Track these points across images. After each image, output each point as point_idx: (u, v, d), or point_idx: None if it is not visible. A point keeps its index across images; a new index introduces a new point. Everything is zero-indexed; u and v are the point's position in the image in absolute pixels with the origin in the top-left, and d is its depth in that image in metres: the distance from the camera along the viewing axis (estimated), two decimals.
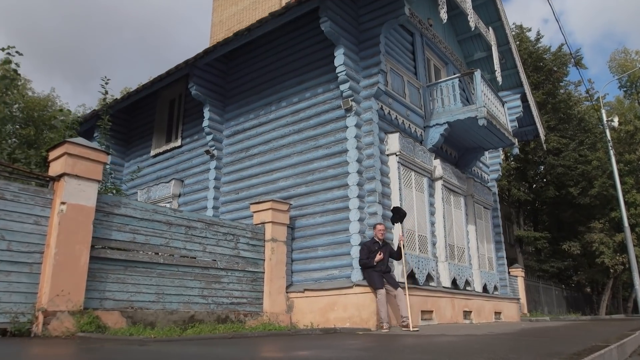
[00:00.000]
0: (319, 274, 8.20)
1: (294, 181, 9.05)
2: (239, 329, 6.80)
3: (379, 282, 7.13)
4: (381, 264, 7.24)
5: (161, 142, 12.43)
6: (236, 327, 6.85)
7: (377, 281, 7.15)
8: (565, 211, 26.13)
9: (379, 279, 7.16)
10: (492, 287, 11.45)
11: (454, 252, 10.20)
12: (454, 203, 10.63)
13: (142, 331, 5.50)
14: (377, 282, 7.14)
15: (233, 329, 6.69)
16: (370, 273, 7.26)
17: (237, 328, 6.84)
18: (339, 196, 8.26)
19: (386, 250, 7.40)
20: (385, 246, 7.47)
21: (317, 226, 8.46)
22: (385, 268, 7.33)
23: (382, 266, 7.27)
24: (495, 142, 10.99)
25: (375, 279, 7.16)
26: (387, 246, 7.51)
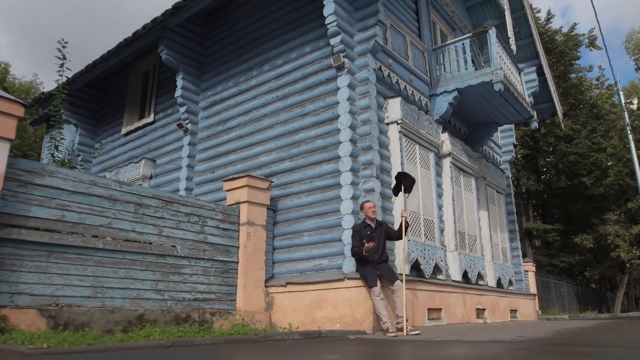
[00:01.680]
0: (305, 265, 6.82)
1: (276, 155, 7.66)
2: (198, 332, 5.42)
3: (372, 278, 5.75)
4: (374, 252, 5.83)
5: (133, 119, 11.04)
6: (194, 330, 5.47)
7: (370, 276, 5.76)
8: (575, 203, 24.69)
9: (372, 273, 5.78)
10: (506, 281, 10.06)
11: (465, 240, 8.81)
12: (464, 184, 9.23)
13: (57, 335, 4.13)
14: (370, 277, 5.76)
15: (190, 331, 5.32)
16: (362, 265, 5.89)
17: (196, 331, 5.46)
18: (329, 171, 6.87)
19: (381, 233, 6.02)
20: (380, 228, 6.08)
21: (303, 207, 7.07)
22: (380, 257, 5.93)
23: (376, 255, 5.86)
24: (512, 114, 9.57)
25: (367, 274, 5.78)
26: (382, 228, 6.11)
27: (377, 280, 5.71)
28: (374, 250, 5.82)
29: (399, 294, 5.67)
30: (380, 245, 5.95)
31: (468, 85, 8.39)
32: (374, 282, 5.70)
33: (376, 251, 5.86)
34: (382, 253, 5.96)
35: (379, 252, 5.90)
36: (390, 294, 5.88)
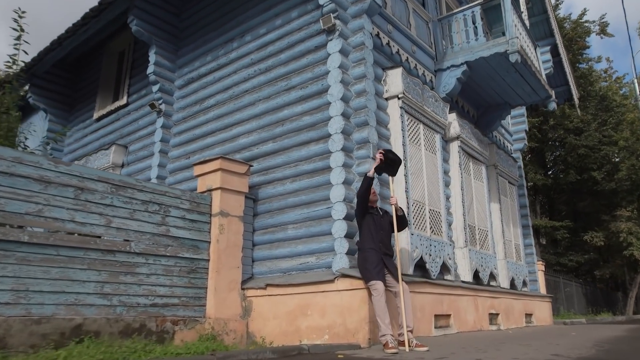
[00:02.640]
0: (289, 263, 5.76)
1: (258, 136, 6.59)
2: (152, 349, 4.35)
3: (376, 269, 4.62)
4: (379, 241, 4.79)
5: (106, 103, 9.97)
6: (144, 344, 4.40)
7: (372, 266, 4.64)
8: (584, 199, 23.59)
9: (376, 262, 4.67)
10: (520, 282, 8.99)
11: (475, 235, 7.74)
12: (473, 172, 8.16)
13: None
14: (372, 268, 4.63)
15: (139, 347, 4.25)
16: (365, 256, 4.75)
17: (150, 347, 4.39)
18: (318, 152, 5.81)
19: (386, 224, 4.97)
20: (385, 217, 5.03)
21: (288, 195, 6.01)
22: (386, 249, 4.86)
23: (382, 245, 4.80)
24: (527, 93, 8.50)
25: (371, 266, 4.65)
26: (387, 218, 5.05)
27: (383, 276, 4.62)
28: (381, 239, 4.80)
29: (405, 299, 4.58)
30: (387, 235, 4.92)
31: (479, 57, 7.32)
32: (379, 277, 4.58)
33: (382, 240, 4.83)
34: (388, 246, 4.91)
35: (384, 243, 4.86)
36: (392, 298, 4.81)
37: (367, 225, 4.83)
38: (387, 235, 4.92)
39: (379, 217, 4.92)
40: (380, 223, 4.88)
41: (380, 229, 4.84)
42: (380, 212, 5.00)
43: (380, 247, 4.74)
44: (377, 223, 4.86)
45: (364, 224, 4.86)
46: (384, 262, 4.70)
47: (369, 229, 4.81)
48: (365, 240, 4.80)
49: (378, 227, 4.83)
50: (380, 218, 4.92)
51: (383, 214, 5.00)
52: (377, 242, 4.74)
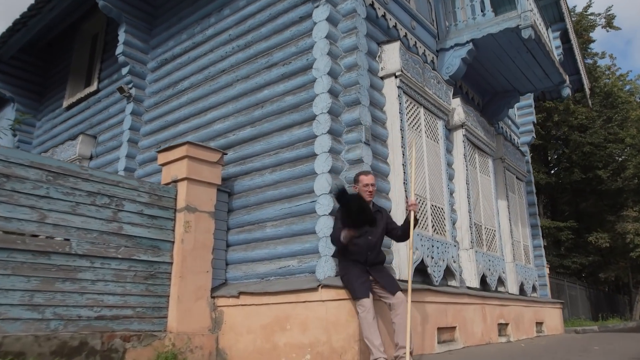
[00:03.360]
0: (267, 267, 4.91)
1: (234, 121, 5.75)
2: None
3: (360, 286, 3.78)
4: (367, 249, 3.93)
5: (77, 90, 9.11)
6: None
7: (357, 283, 3.80)
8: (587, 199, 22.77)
9: (361, 278, 3.82)
10: (529, 287, 8.15)
11: (482, 235, 6.90)
12: (479, 165, 7.33)
13: None
14: (357, 284, 3.79)
15: None
16: (346, 266, 3.94)
17: None
18: (301, 137, 4.96)
19: (379, 222, 4.11)
20: (378, 215, 4.13)
21: (267, 188, 5.16)
22: (376, 257, 4.01)
23: (370, 253, 3.95)
24: (539, 77, 7.67)
25: (354, 279, 3.81)
26: (382, 215, 4.18)
27: (368, 291, 3.79)
28: (368, 246, 3.92)
29: (401, 312, 3.73)
30: (378, 240, 4.04)
31: (487, 34, 6.49)
32: (364, 293, 3.74)
33: (371, 247, 3.95)
34: (378, 252, 4.05)
35: (374, 250, 3.99)
36: (386, 311, 3.98)
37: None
38: (379, 240, 4.06)
39: None
40: (371, 229, 3.98)
41: (369, 232, 3.95)
42: (371, 210, 4.10)
43: (368, 255, 3.88)
44: (366, 230, 3.92)
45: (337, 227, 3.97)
46: (371, 273, 3.87)
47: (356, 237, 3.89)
48: (349, 251, 3.90)
49: (367, 231, 3.93)
50: None
51: (375, 212, 4.10)
52: (363, 250, 3.88)
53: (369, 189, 4.02)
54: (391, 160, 5.22)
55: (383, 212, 4.19)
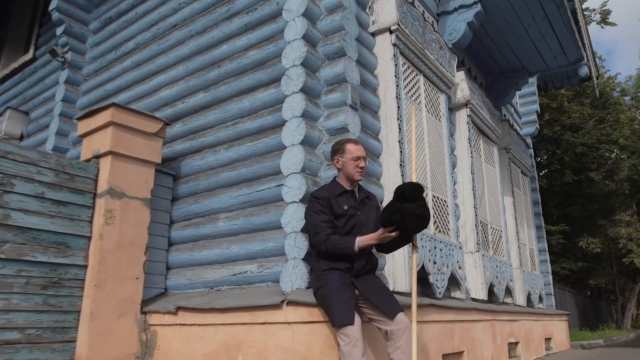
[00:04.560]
0: (218, 273, 3.67)
1: (185, 85, 4.50)
2: None
3: (343, 306, 2.50)
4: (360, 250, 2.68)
5: (13, 59, 7.76)
6: None
7: (337, 300, 2.52)
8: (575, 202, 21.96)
9: (342, 293, 2.55)
10: (536, 296, 7.05)
11: (488, 236, 5.77)
12: (484, 153, 6.21)
13: None
14: (338, 302, 2.52)
15: None
16: (321, 276, 2.66)
17: None
18: (266, 102, 3.75)
19: (370, 212, 2.90)
20: (368, 204, 2.95)
21: (221, 169, 3.94)
22: (365, 262, 2.75)
23: (357, 257, 2.69)
24: (553, 53, 6.59)
25: (333, 295, 2.54)
26: (372, 204, 2.99)
27: (353, 313, 2.53)
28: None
29: (404, 344, 2.47)
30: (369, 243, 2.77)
31: None
32: (347, 317, 2.47)
33: (360, 253, 2.69)
34: (369, 255, 2.81)
35: (364, 253, 2.73)
36: (378, 339, 2.78)
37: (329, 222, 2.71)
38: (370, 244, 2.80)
39: (354, 204, 2.83)
40: (358, 217, 2.80)
41: (357, 227, 2.76)
42: (356, 197, 2.88)
43: (355, 260, 2.67)
44: (350, 218, 2.77)
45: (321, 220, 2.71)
46: (358, 286, 2.63)
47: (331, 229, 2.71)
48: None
49: (352, 226, 2.76)
50: (357, 205, 2.85)
51: (363, 200, 2.91)
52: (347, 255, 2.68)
53: (359, 163, 2.81)
54: (384, 136, 4.03)
55: (373, 201, 2.99)
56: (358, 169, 2.81)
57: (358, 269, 2.64)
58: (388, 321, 2.49)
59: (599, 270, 22.70)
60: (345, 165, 2.82)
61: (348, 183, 2.82)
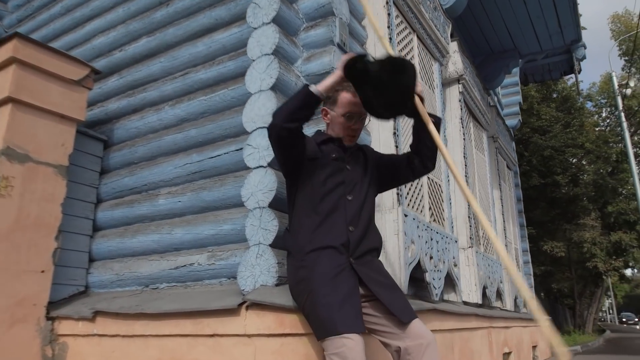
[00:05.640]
0: (154, 266, 2.77)
1: (125, 30, 3.56)
2: None
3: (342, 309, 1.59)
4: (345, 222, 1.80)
5: None
6: None
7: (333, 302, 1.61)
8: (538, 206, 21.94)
9: (341, 288, 1.65)
10: (521, 300, 6.43)
11: (479, 231, 5.07)
12: (475, 139, 5.52)
13: None
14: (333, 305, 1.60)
15: None
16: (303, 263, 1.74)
17: None
18: (227, 44, 2.88)
19: (362, 169, 1.99)
20: (359, 158, 2.02)
21: (165, 131, 3.04)
22: (362, 239, 1.83)
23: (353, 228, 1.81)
24: (549, 32, 6.00)
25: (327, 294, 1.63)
26: (365, 158, 2.04)
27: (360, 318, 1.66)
28: (351, 218, 1.84)
29: None
30: (366, 202, 1.93)
31: None
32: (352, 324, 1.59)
33: (354, 216, 1.85)
34: (368, 229, 1.91)
35: (361, 223, 1.87)
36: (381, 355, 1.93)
37: (315, 188, 1.86)
38: (368, 202, 1.96)
39: (345, 159, 1.96)
40: (347, 173, 1.95)
41: (345, 185, 1.90)
42: (345, 148, 1.99)
43: (349, 234, 1.81)
44: (336, 173, 1.91)
45: (304, 185, 1.89)
46: (363, 274, 1.75)
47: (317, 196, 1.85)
48: (307, 226, 1.82)
49: (339, 183, 1.89)
50: (349, 159, 1.97)
51: (354, 153, 2.02)
52: (340, 228, 1.81)
53: (352, 125, 1.96)
54: None
55: (367, 152, 2.11)
56: (350, 131, 1.97)
57: (355, 244, 1.79)
58: (401, 334, 1.66)
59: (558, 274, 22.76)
60: (333, 122, 1.99)
61: (334, 134, 2.01)
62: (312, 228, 1.77)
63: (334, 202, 1.81)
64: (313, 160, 1.86)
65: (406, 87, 1.75)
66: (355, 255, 1.76)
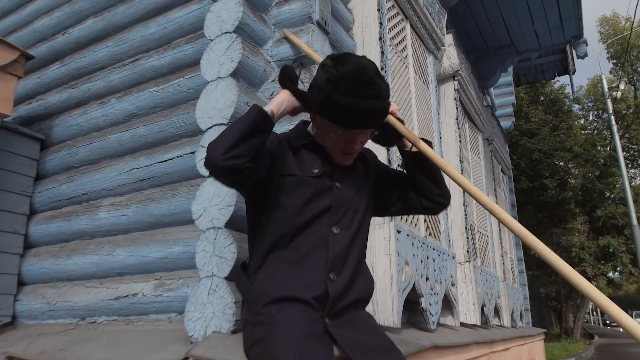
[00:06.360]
0: (93, 295, 2.25)
1: (69, 11, 3.01)
2: None
3: None
4: (326, 259, 1.26)
5: None
6: None
7: None
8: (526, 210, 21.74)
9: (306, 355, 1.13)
10: (517, 314, 6.02)
11: (476, 242, 4.62)
12: (470, 141, 5.08)
13: None
14: None
15: None
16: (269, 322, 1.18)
17: None
18: (185, 26, 2.38)
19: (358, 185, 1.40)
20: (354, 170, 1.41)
21: (111, 129, 2.52)
22: (350, 286, 1.29)
23: (334, 274, 1.26)
24: (549, 27, 5.58)
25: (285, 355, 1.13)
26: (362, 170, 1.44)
27: None
28: (333, 260, 1.28)
29: None
30: (357, 242, 1.36)
31: None
32: None
33: (339, 256, 1.29)
34: (354, 274, 1.34)
35: (346, 272, 1.30)
36: None
37: (288, 216, 1.30)
38: (360, 243, 1.39)
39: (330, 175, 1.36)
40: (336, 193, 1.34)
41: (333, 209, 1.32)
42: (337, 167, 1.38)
43: (328, 289, 1.24)
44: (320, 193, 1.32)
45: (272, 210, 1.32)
46: (339, 341, 1.20)
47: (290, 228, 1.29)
48: (270, 267, 1.28)
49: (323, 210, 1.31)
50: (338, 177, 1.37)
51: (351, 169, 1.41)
52: (317, 274, 1.26)
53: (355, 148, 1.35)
54: None
55: (368, 158, 1.50)
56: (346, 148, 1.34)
57: (336, 296, 1.26)
58: None
59: (544, 278, 22.54)
60: (323, 131, 1.35)
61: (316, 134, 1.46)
62: (278, 269, 1.26)
63: (314, 238, 1.28)
64: (287, 176, 1.32)
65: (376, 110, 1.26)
66: (332, 313, 1.25)
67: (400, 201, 1.47)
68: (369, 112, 1.24)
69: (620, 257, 18.13)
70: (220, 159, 1.15)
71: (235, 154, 1.16)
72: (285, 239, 1.27)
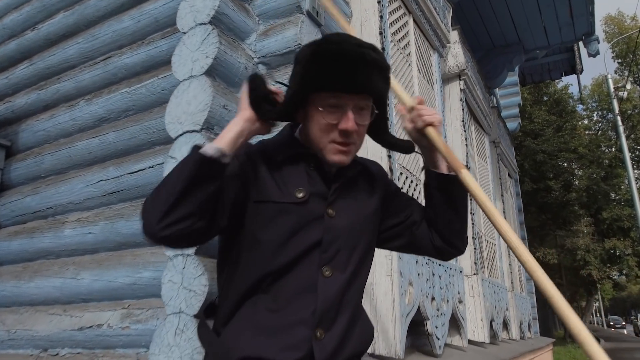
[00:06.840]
0: (55, 323, 1.98)
1: (40, 4, 2.76)
2: None
3: None
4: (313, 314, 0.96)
5: None
6: None
7: None
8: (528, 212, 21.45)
9: None
10: (526, 325, 5.75)
11: (483, 252, 4.34)
12: (476, 144, 4.81)
13: None
14: None
15: None
16: None
17: None
18: (160, 19, 2.11)
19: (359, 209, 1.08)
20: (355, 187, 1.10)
21: (79, 135, 2.26)
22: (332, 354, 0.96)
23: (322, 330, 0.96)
24: (560, 22, 5.30)
25: None
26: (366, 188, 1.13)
27: None
28: (323, 312, 0.97)
29: None
30: (355, 286, 1.05)
31: None
32: None
33: (328, 319, 0.98)
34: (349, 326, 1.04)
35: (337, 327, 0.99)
36: None
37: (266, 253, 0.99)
38: (358, 286, 1.08)
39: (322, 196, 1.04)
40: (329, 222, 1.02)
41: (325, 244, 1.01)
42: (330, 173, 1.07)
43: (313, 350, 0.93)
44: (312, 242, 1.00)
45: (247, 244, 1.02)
46: None
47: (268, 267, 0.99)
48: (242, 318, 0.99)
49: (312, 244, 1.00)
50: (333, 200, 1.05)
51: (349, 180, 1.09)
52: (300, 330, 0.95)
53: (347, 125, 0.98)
54: None
55: (376, 174, 1.19)
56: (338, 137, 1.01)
57: (330, 351, 0.96)
58: None
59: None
60: (310, 121, 1.04)
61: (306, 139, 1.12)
62: (252, 322, 0.97)
63: (299, 282, 0.98)
64: (262, 203, 1.01)
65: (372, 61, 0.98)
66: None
67: (408, 235, 1.17)
68: (365, 61, 0.95)
69: (626, 259, 17.85)
70: (157, 229, 0.87)
71: (175, 219, 0.87)
72: (263, 284, 0.98)
